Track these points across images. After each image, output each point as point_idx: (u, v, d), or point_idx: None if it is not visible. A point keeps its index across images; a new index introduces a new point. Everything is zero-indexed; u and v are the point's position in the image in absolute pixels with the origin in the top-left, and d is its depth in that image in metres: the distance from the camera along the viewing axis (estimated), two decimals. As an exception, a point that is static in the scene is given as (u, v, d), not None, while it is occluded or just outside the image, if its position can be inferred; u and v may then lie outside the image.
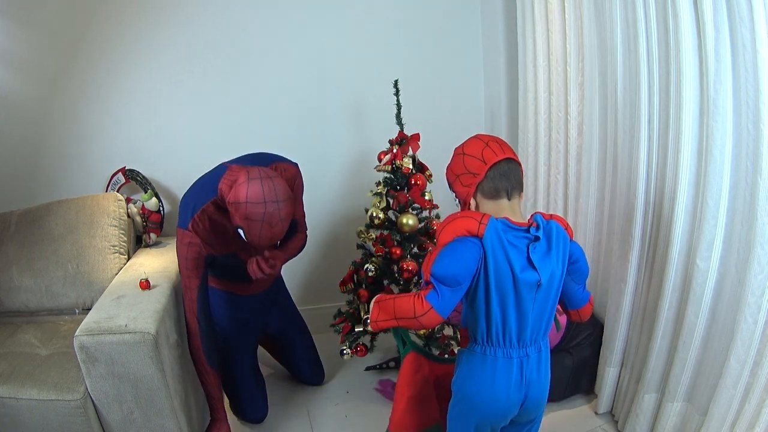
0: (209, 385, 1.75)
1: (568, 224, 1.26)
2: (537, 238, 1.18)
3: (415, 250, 2.08)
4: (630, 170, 1.72)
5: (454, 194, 1.32)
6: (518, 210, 1.25)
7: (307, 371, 2.26)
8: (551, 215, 1.24)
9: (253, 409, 2.03)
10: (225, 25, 2.32)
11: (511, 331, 1.20)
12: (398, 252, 2.01)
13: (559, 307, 1.33)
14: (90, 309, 1.66)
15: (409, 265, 1.98)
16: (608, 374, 1.93)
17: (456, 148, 1.30)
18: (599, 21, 1.82)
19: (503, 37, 2.48)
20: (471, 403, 1.25)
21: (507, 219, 1.19)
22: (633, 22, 1.59)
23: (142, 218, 2.22)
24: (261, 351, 2.21)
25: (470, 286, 1.19)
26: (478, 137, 1.27)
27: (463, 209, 1.29)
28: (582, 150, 2.03)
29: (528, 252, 1.17)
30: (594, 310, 2.05)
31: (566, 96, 2.04)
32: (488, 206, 1.23)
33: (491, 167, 1.20)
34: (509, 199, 1.22)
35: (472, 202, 1.25)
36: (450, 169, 1.31)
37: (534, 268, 1.16)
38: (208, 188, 1.62)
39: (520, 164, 1.25)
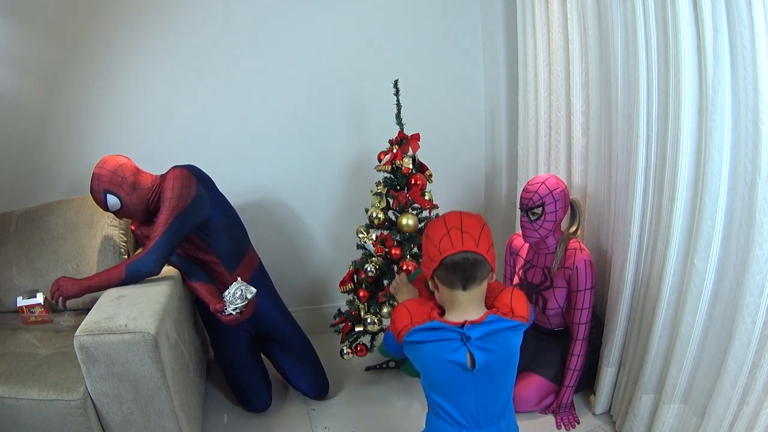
0: (200, 294, 1.92)
1: (529, 309, 1.28)
2: (468, 338, 1.20)
3: (415, 250, 2.08)
4: (628, 170, 1.71)
5: None
6: (476, 301, 1.24)
7: (301, 380, 2.15)
8: (511, 303, 1.25)
9: (255, 397, 2.06)
10: (225, 25, 2.32)
11: (455, 416, 1.24)
12: (398, 252, 2.02)
13: None
14: (90, 309, 1.66)
15: (409, 265, 1.98)
16: (607, 374, 1.92)
17: (427, 224, 1.33)
18: (601, 20, 1.81)
19: (503, 37, 2.48)
20: None
21: (438, 321, 1.23)
22: (632, 21, 1.58)
23: (142, 218, 2.22)
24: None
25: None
26: (446, 219, 1.25)
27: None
28: (589, 150, 2.02)
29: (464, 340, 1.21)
30: (595, 309, 2.05)
31: (568, 96, 2.03)
32: (444, 293, 1.25)
33: (444, 258, 1.20)
34: (464, 290, 1.21)
35: (431, 282, 1.27)
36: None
37: (468, 351, 1.20)
38: None
39: (483, 253, 1.20)
